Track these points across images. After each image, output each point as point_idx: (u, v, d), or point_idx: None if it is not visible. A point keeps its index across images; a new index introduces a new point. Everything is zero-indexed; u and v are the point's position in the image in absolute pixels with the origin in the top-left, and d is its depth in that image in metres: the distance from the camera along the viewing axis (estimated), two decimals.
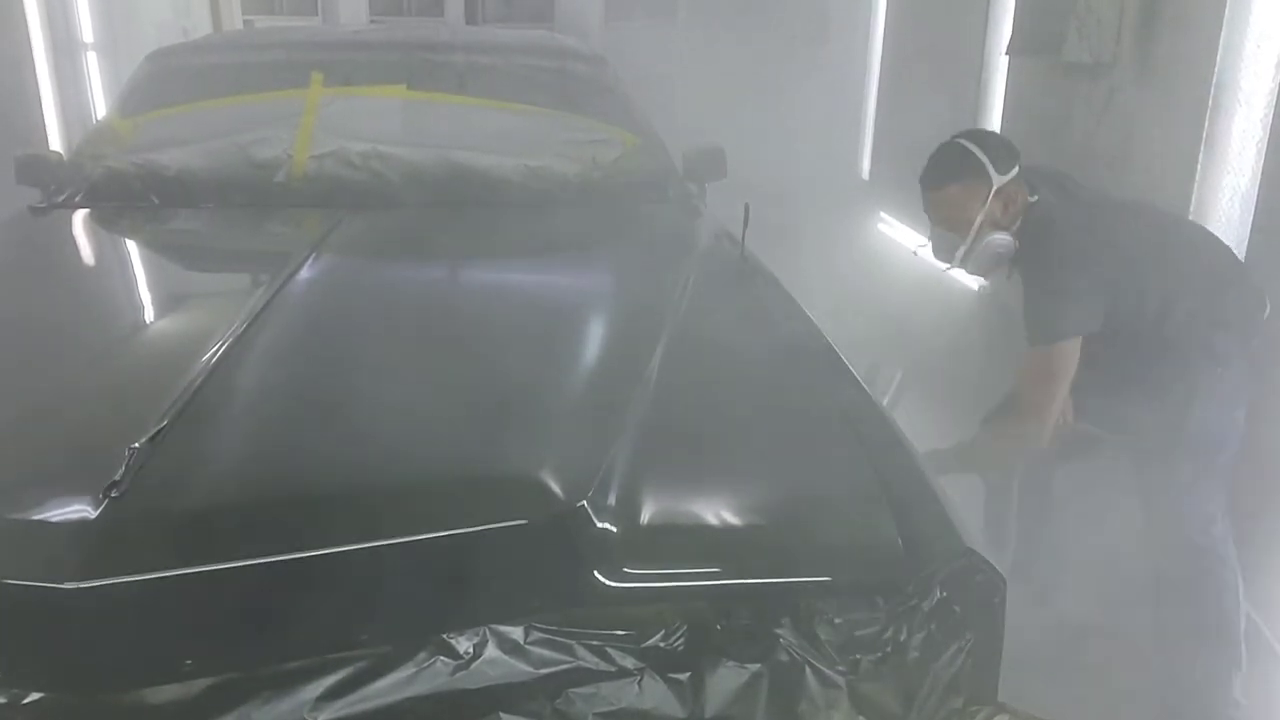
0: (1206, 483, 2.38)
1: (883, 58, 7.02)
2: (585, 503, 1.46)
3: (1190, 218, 3.07)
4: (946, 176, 2.52)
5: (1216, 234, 2.64)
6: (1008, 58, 4.94)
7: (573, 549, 1.41)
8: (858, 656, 1.39)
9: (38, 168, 3.13)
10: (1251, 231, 2.69)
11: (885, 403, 2.15)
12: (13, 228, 2.83)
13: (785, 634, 1.38)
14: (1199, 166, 3.35)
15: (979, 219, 2.46)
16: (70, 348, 1.96)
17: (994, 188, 2.45)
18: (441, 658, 1.31)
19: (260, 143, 2.98)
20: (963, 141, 2.54)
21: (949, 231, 2.53)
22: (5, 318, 2.12)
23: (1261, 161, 2.73)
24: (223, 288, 2.59)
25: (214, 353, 1.79)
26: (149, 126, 3.11)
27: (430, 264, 2.60)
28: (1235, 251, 2.60)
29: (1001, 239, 2.47)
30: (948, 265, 2.59)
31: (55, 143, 5.55)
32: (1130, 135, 3.74)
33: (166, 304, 2.38)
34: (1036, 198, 2.51)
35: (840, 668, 1.38)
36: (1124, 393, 2.46)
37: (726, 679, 1.37)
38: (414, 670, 1.30)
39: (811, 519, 1.54)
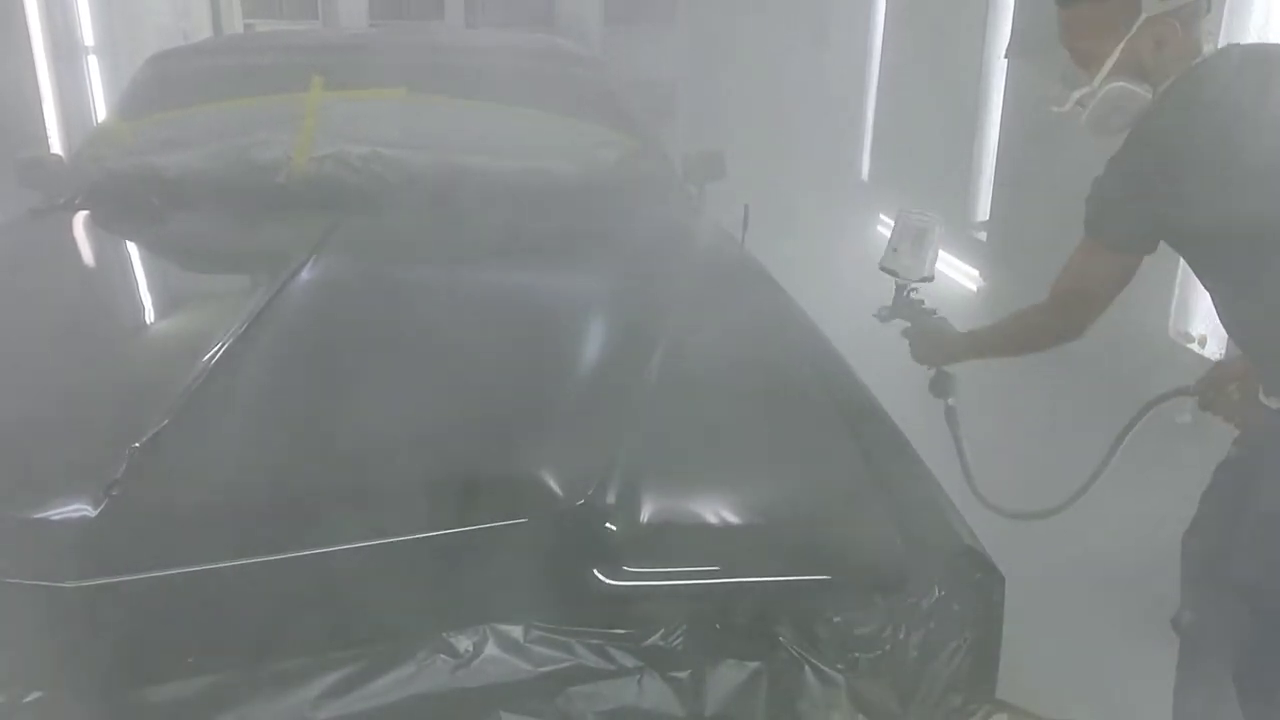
0: None
1: (883, 59, 7.03)
2: (585, 502, 1.47)
3: None
4: None
5: None
6: (1006, 60, 4.95)
7: (573, 548, 1.42)
8: (857, 655, 1.39)
9: (39, 170, 3.14)
10: None
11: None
12: (14, 230, 2.84)
13: (784, 632, 1.38)
14: None
15: (1113, 56, 1.80)
16: (71, 349, 1.96)
17: (1142, 15, 1.77)
18: (442, 656, 1.31)
19: (260, 145, 2.98)
20: None
21: (1078, 67, 1.89)
22: (7, 319, 2.12)
23: None
24: (223, 289, 2.59)
25: (214, 354, 1.79)
26: (150, 129, 3.12)
27: (430, 266, 2.61)
28: None
29: (1128, 89, 1.81)
30: (1059, 107, 1.94)
31: (56, 146, 5.55)
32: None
33: (167, 305, 2.38)
34: (1210, 49, 1.82)
35: (839, 666, 1.39)
36: None
37: (726, 677, 1.37)
38: (414, 669, 1.30)
39: (810, 517, 1.54)
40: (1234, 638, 1.89)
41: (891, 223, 2.23)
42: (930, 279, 2.17)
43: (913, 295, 2.20)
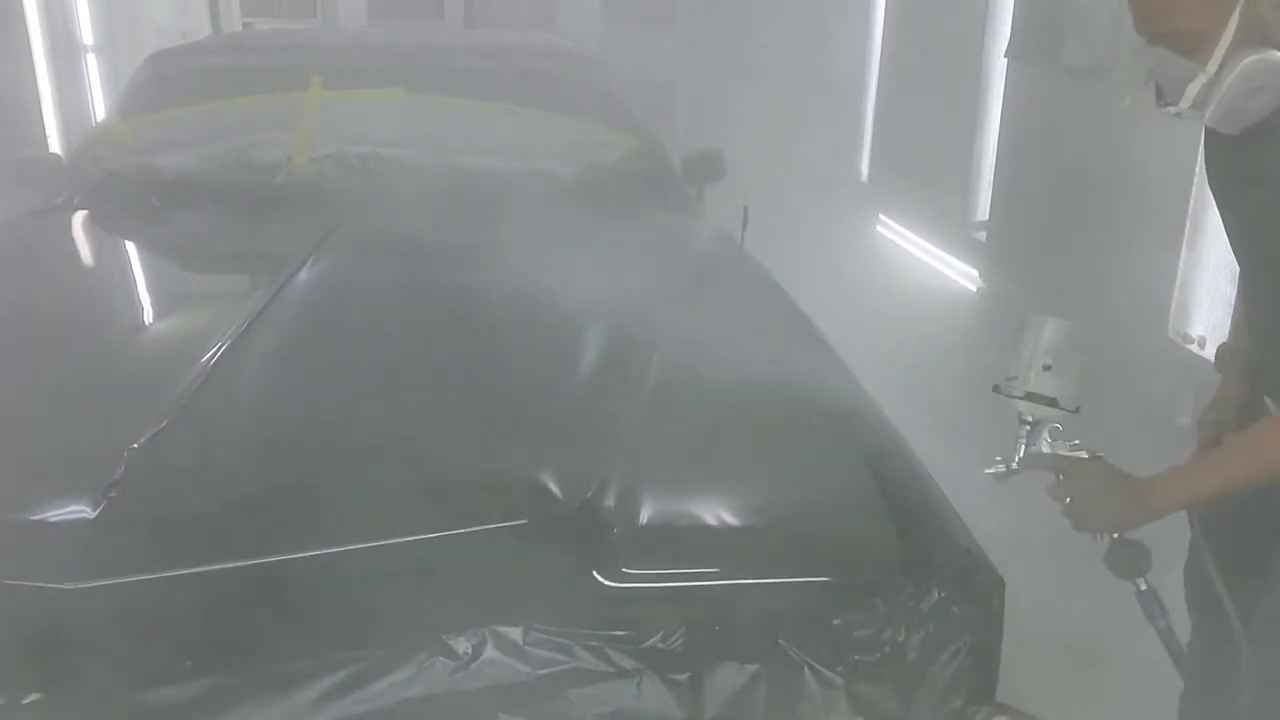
0: None
1: (882, 59, 7.04)
2: (585, 504, 1.46)
3: (1187, 219, 3.07)
4: None
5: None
6: (1006, 60, 4.95)
7: (572, 549, 1.42)
8: (856, 657, 1.39)
9: (38, 170, 3.14)
10: None
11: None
12: (13, 230, 2.83)
13: (784, 635, 1.38)
14: (1197, 168, 3.36)
15: (1230, 26, 1.42)
16: (70, 349, 1.96)
17: None
18: (441, 658, 1.31)
19: (259, 145, 2.98)
20: None
21: (1176, 51, 1.49)
22: (5, 319, 2.12)
23: None
24: (222, 290, 2.59)
25: (213, 355, 1.79)
26: (149, 129, 3.12)
27: (429, 267, 2.60)
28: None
29: (1269, 59, 1.41)
30: (1174, 107, 1.51)
31: (55, 145, 5.55)
32: (1128, 137, 3.75)
33: (166, 306, 2.38)
34: None
35: (839, 668, 1.38)
36: None
37: (725, 680, 1.36)
38: (413, 671, 1.30)
39: (810, 519, 1.54)
40: (1236, 672, 1.67)
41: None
42: (1078, 411, 1.61)
43: (1050, 438, 1.62)
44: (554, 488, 1.49)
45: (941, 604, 1.42)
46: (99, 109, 6.16)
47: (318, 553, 1.37)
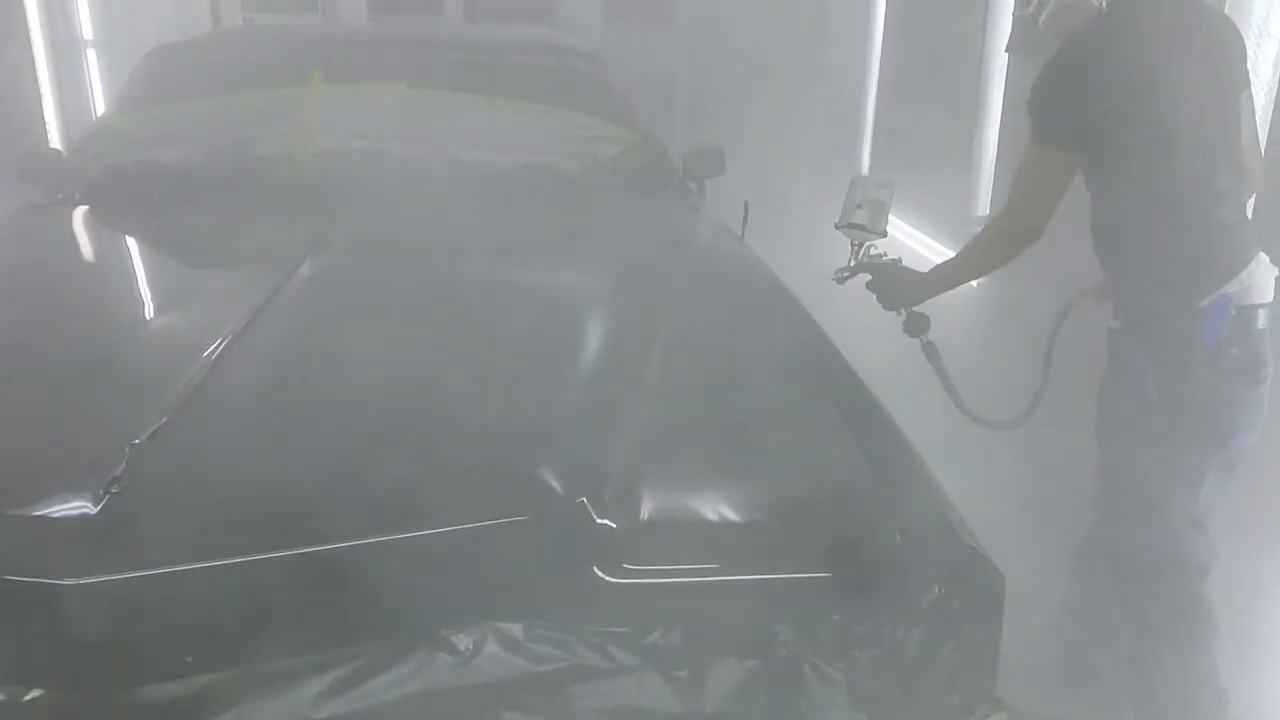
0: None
1: (883, 53, 7.03)
2: (585, 499, 1.47)
3: None
4: None
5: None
6: (1007, 55, 4.94)
7: (573, 545, 1.42)
8: (856, 653, 1.39)
9: (38, 165, 3.14)
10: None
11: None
12: (14, 225, 2.83)
13: (784, 630, 1.38)
14: None
15: None
16: (71, 345, 1.96)
17: None
18: (442, 654, 1.31)
19: (260, 140, 2.98)
20: None
21: None
22: (6, 315, 2.12)
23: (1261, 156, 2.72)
24: (223, 285, 2.58)
25: (214, 349, 1.79)
26: (149, 124, 3.11)
27: (430, 261, 2.60)
28: None
29: None
30: (1026, 9, 2.26)
31: (55, 140, 5.55)
32: None
33: (167, 301, 2.37)
34: None
35: (838, 664, 1.39)
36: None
37: (725, 675, 1.37)
38: (414, 667, 1.31)
39: (810, 515, 1.54)
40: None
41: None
42: (885, 235, 2.35)
43: (872, 251, 2.38)
44: (554, 483, 1.49)
45: (941, 600, 1.42)
46: (99, 104, 6.15)
47: (319, 549, 1.37)
